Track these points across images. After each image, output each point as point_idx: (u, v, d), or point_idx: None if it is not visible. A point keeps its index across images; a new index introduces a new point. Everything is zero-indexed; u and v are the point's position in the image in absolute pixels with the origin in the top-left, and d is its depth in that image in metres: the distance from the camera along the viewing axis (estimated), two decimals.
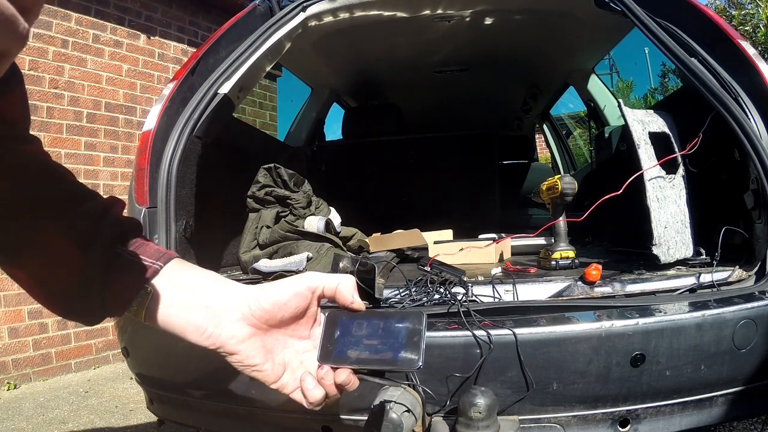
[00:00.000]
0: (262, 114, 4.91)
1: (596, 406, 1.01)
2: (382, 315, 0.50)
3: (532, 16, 2.34)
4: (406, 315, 0.49)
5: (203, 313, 0.53)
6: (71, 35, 3.30)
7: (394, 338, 0.46)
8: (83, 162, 3.34)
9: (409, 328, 0.47)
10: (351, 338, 0.48)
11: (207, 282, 0.55)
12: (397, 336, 0.46)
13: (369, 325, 0.49)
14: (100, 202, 0.56)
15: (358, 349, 0.46)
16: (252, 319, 0.53)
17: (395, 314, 0.49)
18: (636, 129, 1.41)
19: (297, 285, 0.55)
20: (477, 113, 4.07)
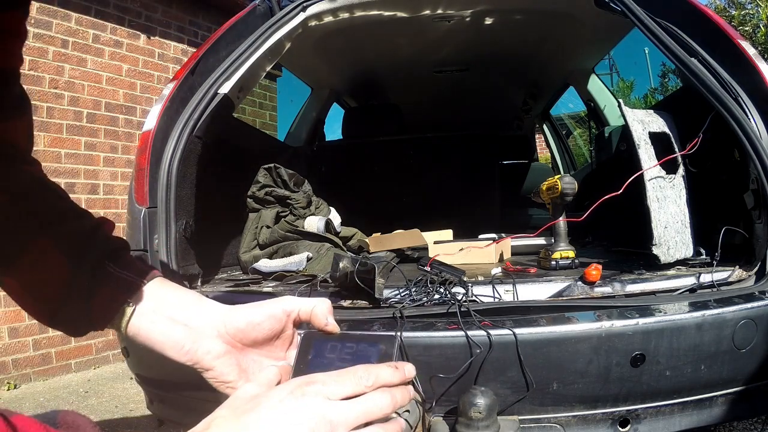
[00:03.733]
0: (262, 114, 4.91)
1: (596, 406, 1.01)
2: (355, 338, 0.52)
3: (532, 16, 2.34)
4: (378, 339, 0.50)
5: (182, 330, 0.56)
6: (71, 35, 3.30)
7: (365, 361, 0.48)
8: (83, 162, 3.34)
9: (381, 351, 0.49)
10: (324, 360, 0.50)
11: (187, 300, 0.59)
12: (368, 359, 0.48)
13: (342, 348, 0.51)
14: (92, 220, 0.60)
15: (329, 371, 0.48)
16: (227, 337, 0.57)
17: (368, 338, 0.51)
18: (636, 129, 1.41)
19: (272, 308, 0.58)
20: (477, 113, 4.07)
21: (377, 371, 0.45)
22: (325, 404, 0.42)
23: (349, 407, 0.42)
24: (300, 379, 0.44)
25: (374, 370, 0.45)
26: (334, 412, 0.42)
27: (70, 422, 0.35)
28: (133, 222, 1.39)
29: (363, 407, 0.43)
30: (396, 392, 0.45)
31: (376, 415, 0.43)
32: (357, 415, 0.42)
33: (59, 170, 3.18)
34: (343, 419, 0.42)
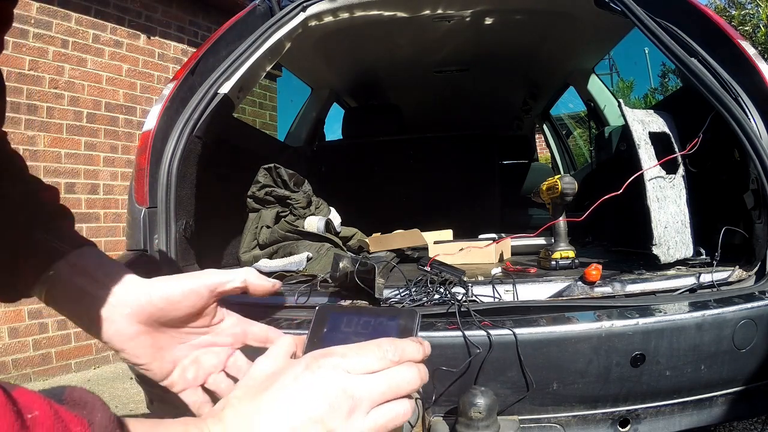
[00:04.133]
0: (262, 114, 4.91)
1: (596, 406, 1.01)
2: (374, 312, 0.49)
3: (532, 16, 2.34)
4: (399, 313, 0.47)
5: (95, 304, 0.52)
6: (71, 35, 3.30)
7: (384, 336, 0.44)
8: (83, 162, 3.34)
9: (401, 326, 0.46)
10: (339, 334, 0.46)
11: (109, 273, 0.55)
12: (387, 334, 0.44)
13: (359, 322, 0.47)
14: (32, 188, 0.57)
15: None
16: (142, 316, 0.53)
17: (388, 311, 0.48)
18: (636, 129, 1.41)
19: (192, 283, 0.55)
20: (477, 113, 4.07)
21: (403, 345, 0.42)
22: (345, 378, 0.38)
23: (374, 381, 0.39)
24: (317, 352, 0.41)
25: (400, 344, 0.41)
26: (356, 387, 0.38)
27: (77, 399, 0.33)
28: (133, 222, 1.39)
29: (389, 382, 0.40)
30: (422, 368, 0.42)
31: (404, 391, 0.40)
32: (383, 390, 0.39)
33: (59, 170, 3.18)
34: (366, 394, 0.38)
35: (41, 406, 0.29)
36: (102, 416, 0.32)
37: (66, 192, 3.20)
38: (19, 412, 0.28)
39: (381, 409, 0.39)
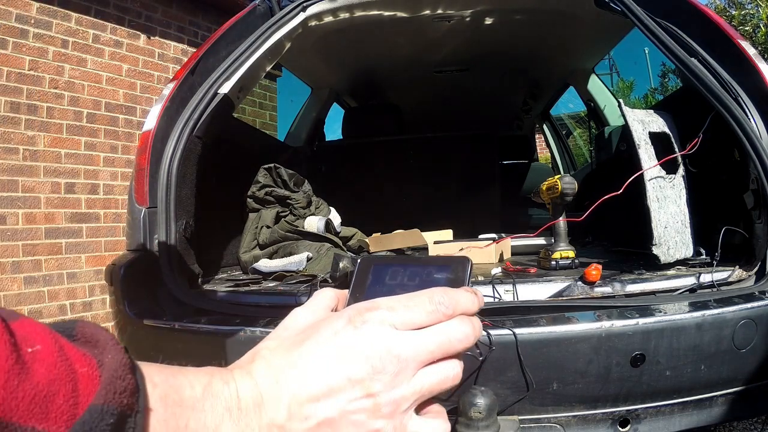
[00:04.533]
0: (262, 114, 4.91)
1: (596, 406, 1.01)
2: (420, 261, 0.45)
3: (532, 16, 2.34)
4: (448, 262, 0.43)
5: None
6: (71, 35, 3.29)
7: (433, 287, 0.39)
8: (83, 162, 3.34)
9: (451, 276, 0.41)
10: (383, 287, 0.42)
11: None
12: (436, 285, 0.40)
13: (405, 273, 0.43)
14: None
15: None
16: None
17: (436, 260, 0.44)
18: (636, 129, 1.41)
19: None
20: (477, 113, 4.07)
21: (456, 296, 0.36)
22: (391, 335, 0.34)
23: (423, 339, 0.35)
24: (361, 305, 0.36)
25: (454, 294, 0.36)
26: (403, 345, 0.34)
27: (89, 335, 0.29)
28: (133, 222, 1.39)
29: (440, 339, 0.35)
30: (475, 321, 0.37)
31: (456, 349, 0.36)
32: (432, 349, 0.35)
33: (59, 170, 3.18)
34: (413, 354, 0.34)
35: (44, 339, 0.26)
36: (113, 357, 0.28)
37: (66, 192, 3.20)
38: (16, 345, 0.25)
39: (428, 371, 0.35)
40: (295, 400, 0.33)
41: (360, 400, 0.33)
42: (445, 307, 0.36)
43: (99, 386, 0.27)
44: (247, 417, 0.33)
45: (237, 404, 0.33)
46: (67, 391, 0.26)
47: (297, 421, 0.33)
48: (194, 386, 0.32)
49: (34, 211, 3.03)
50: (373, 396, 0.33)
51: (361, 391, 0.33)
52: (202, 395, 0.32)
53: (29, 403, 0.24)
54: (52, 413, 0.25)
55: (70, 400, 0.26)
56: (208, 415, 0.31)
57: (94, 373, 0.27)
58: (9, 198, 2.92)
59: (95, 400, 0.26)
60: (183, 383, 0.31)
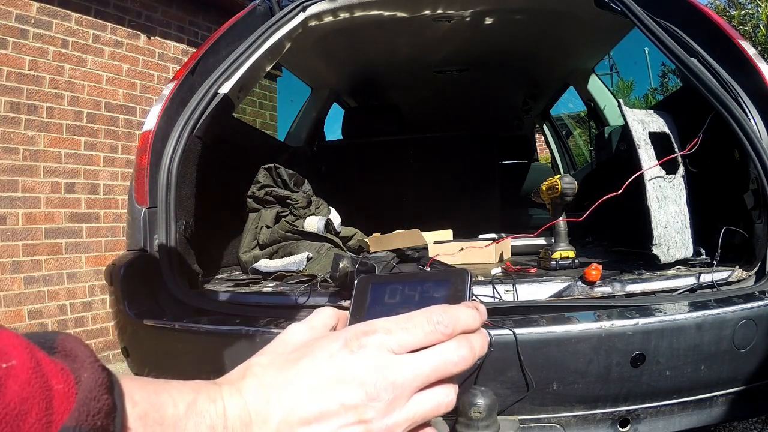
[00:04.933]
0: (262, 114, 4.91)
1: (596, 406, 1.01)
2: (418, 277, 0.44)
3: (532, 16, 2.34)
4: (446, 275, 0.42)
5: None
6: (71, 35, 3.29)
7: (433, 304, 0.38)
8: (83, 162, 3.34)
9: (451, 290, 0.41)
10: (383, 307, 0.41)
11: None
12: (437, 302, 0.39)
13: (404, 291, 0.42)
14: None
15: None
16: None
17: (434, 275, 0.44)
18: (636, 129, 1.41)
19: None
20: (477, 113, 4.07)
21: (456, 313, 0.35)
22: (387, 361, 0.33)
23: (419, 364, 0.34)
24: (358, 327, 0.35)
25: (453, 312, 0.35)
26: (399, 371, 0.33)
27: (68, 350, 0.28)
28: (133, 222, 1.39)
29: (435, 363, 0.34)
30: (474, 340, 0.36)
31: (452, 372, 0.35)
32: (427, 374, 0.34)
33: (59, 170, 3.18)
34: (410, 379, 0.33)
35: (21, 354, 0.25)
36: (89, 376, 0.27)
37: (66, 192, 3.20)
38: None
39: (422, 398, 0.34)
40: (286, 421, 0.32)
41: (352, 426, 0.32)
42: (443, 326, 0.35)
43: (73, 406, 0.25)
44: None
45: (223, 423, 0.32)
46: (41, 410, 0.25)
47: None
48: (177, 404, 0.31)
49: (34, 211, 3.03)
50: (366, 422, 0.32)
51: (353, 417, 0.32)
52: (185, 414, 0.31)
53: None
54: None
55: (43, 419, 0.24)
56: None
57: (71, 390, 0.26)
58: (9, 198, 2.92)
59: (68, 421, 0.25)
60: (165, 401, 0.31)
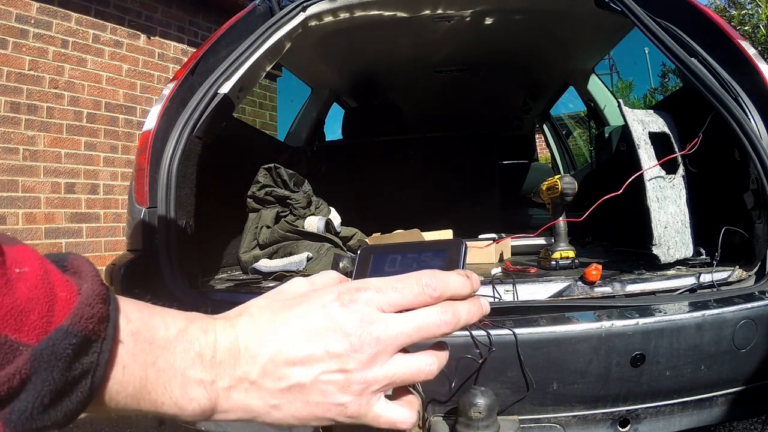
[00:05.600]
0: (262, 114, 4.91)
1: (596, 406, 1.01)
2: (417, 247, 0.46)
3: (532, 16, 2.34)
4: (444, 245, 0.44)
5: None
6: (71, 35, 3.29)
7: None
8: (83, 162, 3.34)
9: (447, 259, 0.42)
10: (384, 275, 0.43)
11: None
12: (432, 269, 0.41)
13: (404, 260, 0.44)
14: None
15: None
16: None
17: (432, 245, 0.45)
18: (636, 129, 1.41)
19: None
20: (477, 113, 4.07)
21: (446, 278, 0.37)
22: (374, 316, 0.35)
23: (403, 322, 0.35)
24: (352, 284, 0.37)
25: (443, 277, 0.37)
26: (384, 328, 0.35)
27: (76, 266, 0.32)
28: (133, 222, 1.39)
29: (418, 323, 0.36)
30: (461, 307, 0.37)
31: (434, 334, 0.36)
32: (410, 333, 0.35)
33: (59, 170, 3.18)
34: (393, 336, 0.35)
35: (33, 264, 0.29)
36: (88, 287, 0.30)
37: (66, 192, 3.20)
38: (5, 265, 0.28)
39: (404, 361, 0.36)
40: (272, 360, 0.34)
41: (334, 373, 0.34)
42: (431, 289, 0.36)
43: (71, 310, 0.29)
44: (220, 366, 0.34)
45: (212, 353, 0.34)
46: (43, 310, 0.28)
47: (270, 379, 0.34)
48: (168, 328, 0.33)
49: (34, 211, 3.03)
50: (347, 372, 0.34)
51: (336, 365, 0.34)
52: (174, 338, 0.33)
53: (5, 314, 0.27)
54: (25, 327, 0.27)
55: (45, 318, 0.28)
56: (178, 357, 0.33)
57: (72, 298, 0.30)
58: (9, 198, 2.92)
59: (63, 321, 0.28)
60: (158, 324, 0.33)
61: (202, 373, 0.33)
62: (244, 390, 0.35)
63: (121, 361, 0.31)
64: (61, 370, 0.28)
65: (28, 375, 0.27)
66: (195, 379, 0.33)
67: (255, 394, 0.35)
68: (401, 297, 0.36)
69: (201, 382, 0.33)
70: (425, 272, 0.37)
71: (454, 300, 0.37)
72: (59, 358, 0.28)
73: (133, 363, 0.31)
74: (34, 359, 0.27)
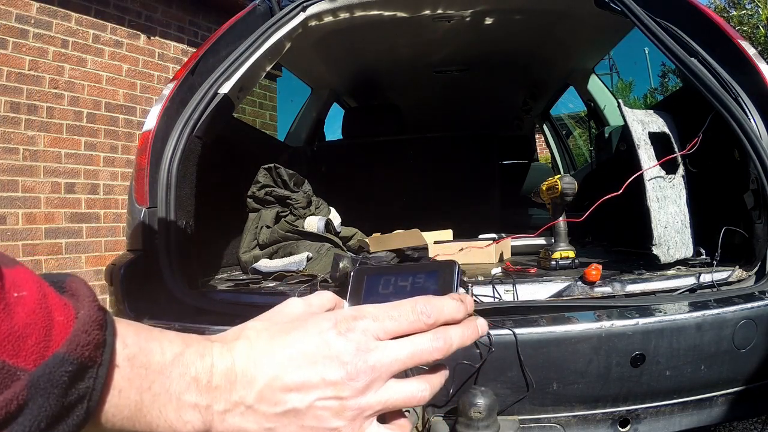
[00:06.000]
0: (262, 114, 4.91)
1: (596, 406, 1.01)
2: (410, 269, 0.46)
3: (532, 16, 2.34)
4: (437, 267, 0.44)
5: None
6: (71, 35, 3.29)
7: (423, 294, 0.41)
8: (83, 162, 3.33)
9: (440, 281, 0.43)
10: (377, 297, 0.44)
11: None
12: (426, 293, 0.42)
13: (397, 281, 0.44)
14: None
15: None
16: None
17: (425, 267, 0.46)
18: (636, 129, 1.41)
19: None
20: (477, 113, 4.07)
21: (440, 304, 0.38)
22: (370, 345, 0.36)
23: (397, 351, 0.36)
24: (348, 312, 0.38)
25: (437, 303, 0.38)
26: (379, 356, 0.36)
27: (74, 289, 0.32)
28: (133, 222, 1.39)
29: (411, 350, 0.36)
30: (453, 332, 0.38)
31: (426, 360, 0.37)
32: (404, 360, 0.36)
33: (59, 170, 3.18)
34: (387, 365, 0.36)
35: (31, 287, 0.29)
36: (85, 312, 0.31)
37: (66, 192, 3.20)
38: (4, 288, 0.28)
39: (397, 387, 0.37)
40: (269, 386, 0.35)
41: (329, 399, 0.35)
42: (426, 316, 0.37)
43: (68, 336, 0.29)
44: (216, 391, 0.34)
45: (208, 377, 0.34)
46: (41, 335, 0.28)
47: (266, 404, 0.35)
48: (165, 352, 0.34)
49: (34, 211, 3.03)
50: (342, 399, 0.35)
51: (332, 392, 0.35)
52: (170, 362, 0.33)
53: (3, 339, 0.27)
54: (22, 352, 0.27)
55: (42, 343, 0.28)
56: (174, 382, 0.33)
57: (70, 323, 0.30)
58: (9, 198, 2.92)
59: (60, 348, 0.29)
60: (154, 348, 0.33)
61: (197, 398, 0.34)
62: (239, 414, 0.35)
63: (117, 385, 0.31)
64: (57, 396, 0.28)
65: (26, 401, 0.27)
66: (190, 403, 0.34)
67: (251, 417, 0.35)
68: (397, 325, 0.37)
69: (196, 406, 0.34)
70: (420, 299, 0.38)
71: (449, 324, 0.38)
72: (55, 384, 0.28)
73: (129, 387, 0.32)
74: (31, 385, 0.27)
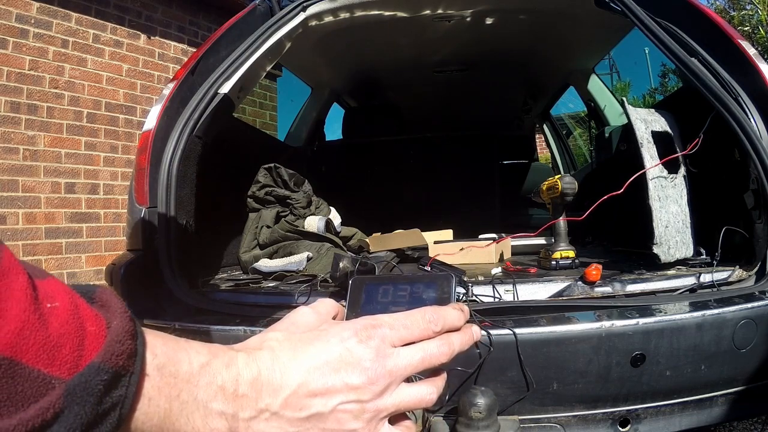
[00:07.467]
0: (262, 114, 4.91)
1: (596, 406, 1.01)
2: (408, 279, 0.49)
3: (532, 16, 2.34)
4: (433, 279, 0.47)
5: None
6: (71, 35, 3.29)
7: (422, 304, 0.44)
8: (83, 162, 3.34)
9: (438, 292, 0.46)
10: (376, 305, 0.46)
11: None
12: (424, 302, 0.45)
13: (395, 291, 0.47)
14: None
15: None
16: None
17: (422, 278, 0.48)
18: (639, 128, 1.41)
19: None
20: (477, 113, 4.07)
21: (445, 314, 0.42)
22: (387, 351, 0.39)
23: (411, 356, 0.40)
24: (366, 321, 0.40)
25: (442, 312, 0.42)
26: (396, 361, 0.39)
27: (104, 300, 0.34)
28: (133, 222, 1.39)
29: (422, 355, 0.40)
30: (454, 338, 0.42)
31: (434, 364, 0.41)
32: (416, 365, 0.40)
33: (59, 170, 3.18)
34: (402, 368, 0.39)
35: (64, 298, 0.30)
36: (118, 323, 0.32)
37: (66, 192, 3.20)
38: (38, 300, 0.29)
39: (409, 390, 0.40)
40: (296, 393, 0.37)
41: (350, 403, 0.38)
42: (434, 324, 0.41)
43: (102, 346, 0.30)
44: (242, 399, 0.36)
45: (234, 386, 0.36)
46: (74, 345, 0.29)
47: (291, 410, 0.37)
48: (192, 362, 0.35)
49: (34, 211, 3.03)
50: (362, 402, 0.38)
51: (354, 396, 0.38)
52: (198, 372, 0.35)
53: (38, 349, 0.28)
54: (56, 362, 0.29)
55: (75, 353, 0.29)
56: (201, 391, 0.35)
57: (102, 333, 0.31)
58: (9, 198, 2.92)
59: (95, 358, 0.30)
60: (182, 358, 0.35)
61: (224, 406, 0.35)
62: (264, 420, 0.37)
63: (147, 393, 0.32)
64: (92, 404, 0.29)
65: (61, 409, 0.28)
66: (217, 411, 0.35)
67: (275, 423, 0.37)
68: (410, 333, 0.40)
69: (222, 414, 0.35)
70: (428, 309, 0.42)
71: (450, 331, 0.42)
72: (91, 393, 0.29)
73: (158, 395, 0.33)
74: (67, 394, 0.28)
